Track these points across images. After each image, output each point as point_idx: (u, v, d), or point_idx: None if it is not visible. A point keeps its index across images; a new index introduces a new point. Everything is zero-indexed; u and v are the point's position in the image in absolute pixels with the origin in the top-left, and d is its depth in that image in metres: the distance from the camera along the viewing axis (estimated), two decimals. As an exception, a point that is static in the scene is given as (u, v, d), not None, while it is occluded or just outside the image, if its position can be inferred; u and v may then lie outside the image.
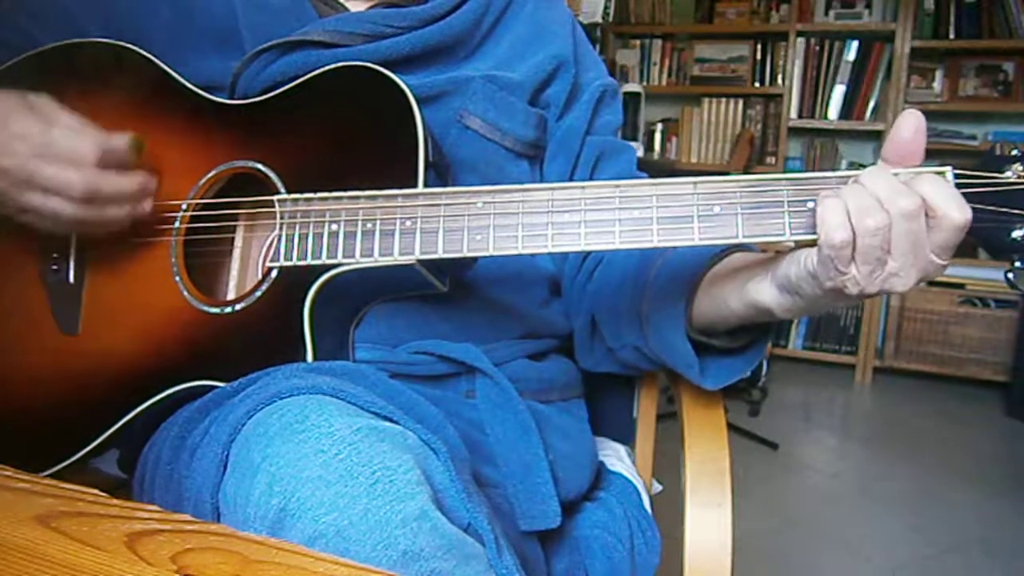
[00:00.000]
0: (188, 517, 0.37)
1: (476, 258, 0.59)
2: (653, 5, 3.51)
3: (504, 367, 0.68)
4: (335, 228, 0.58)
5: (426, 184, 0.58)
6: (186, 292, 0.63)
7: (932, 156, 0.65)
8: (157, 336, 0.63)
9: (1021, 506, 2.10)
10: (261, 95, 0.66)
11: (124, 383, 0.62)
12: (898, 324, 3.15)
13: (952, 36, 3.11)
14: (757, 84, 3.40)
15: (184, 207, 0.65)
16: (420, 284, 0.61)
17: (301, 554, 0.34)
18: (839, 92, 3.26)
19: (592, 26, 2.58)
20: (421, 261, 0.57)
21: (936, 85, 3.18)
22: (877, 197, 0.49)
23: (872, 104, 3.23)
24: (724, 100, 3.41)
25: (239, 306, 0.61)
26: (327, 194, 0.59)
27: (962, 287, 3.05)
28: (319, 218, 0.58)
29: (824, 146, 3.38)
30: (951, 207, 0.48)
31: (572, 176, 0.77)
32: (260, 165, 0.63)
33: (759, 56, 3.39)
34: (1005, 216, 0.51)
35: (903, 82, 3.12)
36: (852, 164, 3.38)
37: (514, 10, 0.77)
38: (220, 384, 0.58)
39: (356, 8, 0.72)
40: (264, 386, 0.51)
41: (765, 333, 0.68)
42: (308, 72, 0.64)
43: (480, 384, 0.66)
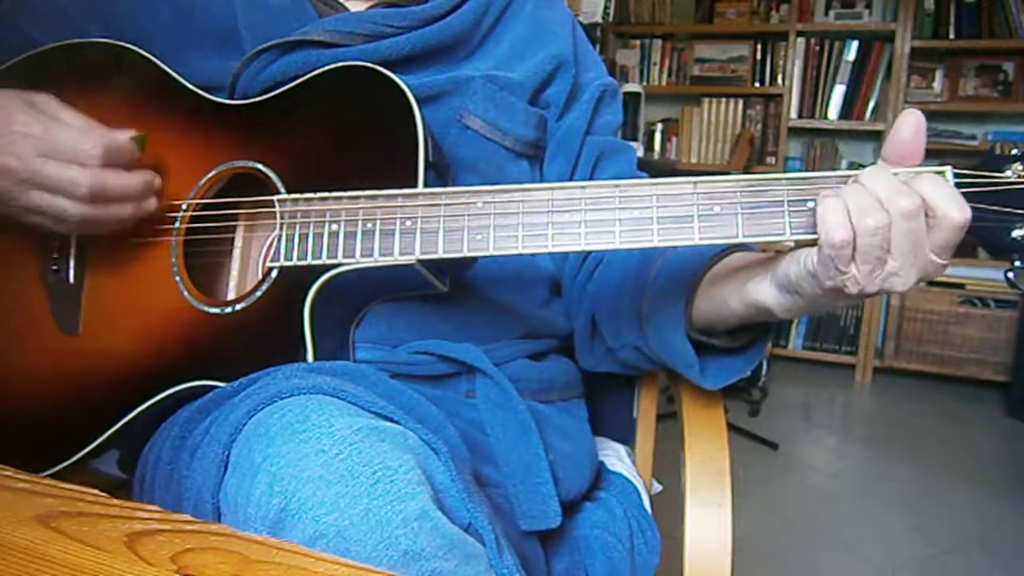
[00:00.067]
0: (188, 517, 0.37)
1: (476, 258, 0.59)
2: (653, 5, 3.51)
3: (504, 367, 0.68)
4: (335, 228, 0.58)
5: (426, 184, 0.58)
6: (186, 292, 0.63)
7: (932, 156, 0.65)
8: (157, 336, 0.63)
9: (1021, 506, 2.10)
10: (261, 95, 0.66)
11: (124, 383, 0.62)
12: (898, 324, 3.15)
13: (952, 36, 3.11)
14: (757, 84, 3.40)
15: (184, 207, 0.65)
16: (420, 284, 0.61)
17: (301, 554, 0.34)
18: (839, 92, 3.26)
19: (592, 26, 2.58)
20: (421, 261, 0.57)
21: (936, 85, 3.18)
22: (877, 197, 0.49)
23: (872, 104, 3.23)
24: (724, 100, 3.41)
25: (239, 306, 0.61)
26: (327, 194, 0.59)
27: (962, 287, 3.05)
28: (319, 218, 0.58)
29: (824, 146, 3.38)
30: (951, 207, 0.48)
31: (572, 176, 0.77)
32: (260, 165, 0.63)
33: (759, 56, 3.39)
34: (1005, 216, 0.51)
35: (903, 82, 3.12)
36: (852, 164, 3.38)
37: (514, 10, 0.77)
38: (220, 384, 0.58)
39: (356, 8, 0.72)
40: (265, 386, 0.51)
41: (765, 333, 0.68)
42: (308, 72, 0.64)
43: (480, 384, 0.66)
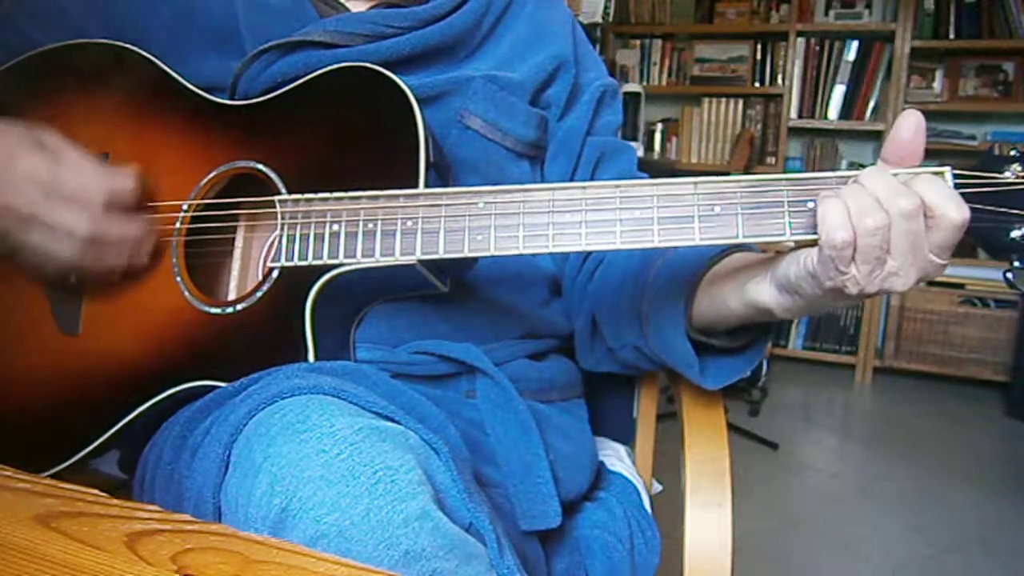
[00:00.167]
0: (188, 517, 0.37)
1: (477, 258, 0.59)
2: (653, 5, 3.51)
3: (504, 367, 0.68)
4: (336, 228, 0.58)
5: (427, 184, 0.58)
6: (187, 292, 0.63)
7: (932, 156, 0.66)
8: (158, 336, 0.63)
9: (1021, 506, 2.10)
10: (262, 96, 0.66)
11: (125, 383, 0.62)
12: (898, 324, 3.15)
13: (952, 36, 3.11)
14: (757, 84, 3.40)
15: (185, 207, 0.65)
16: (421, 284, 0.61)
17: (302, 554, 0.34)
18: (839, 92, 3.26)
19: (592, 26, 2.58)
20: (422, 261, 0.57)
21: (936, 85, 3.18)
22: (876, 197, 0.49)
23: (872, 104, 3.23)
24: (724, 100, 3.41)
25: (240, 306, 0.61)
26: (328, 194, 0.59)
27: (962, 287, 3.05)
28: (320, 218, 0.58)
29: (824, 146, 3.38)
30: (949, 207, 0.48)
31: (573, 176, 0.78)
32: (261, 165, 0.63)
33: (759, 56, 3.39)
34: (1004, 216, 0.51)
35: (903, 82, 3.12)
36: (852, 164, 3.38)
37: (514, 10, 0.77)
38: (221, 384, 0.58)
39: (356, 8, 0.72)
40: (265, 386, 0.51)
41: (765, 333, 0.68)
42: (309, 73, 0.64)
43: (480, 384, 0.66)
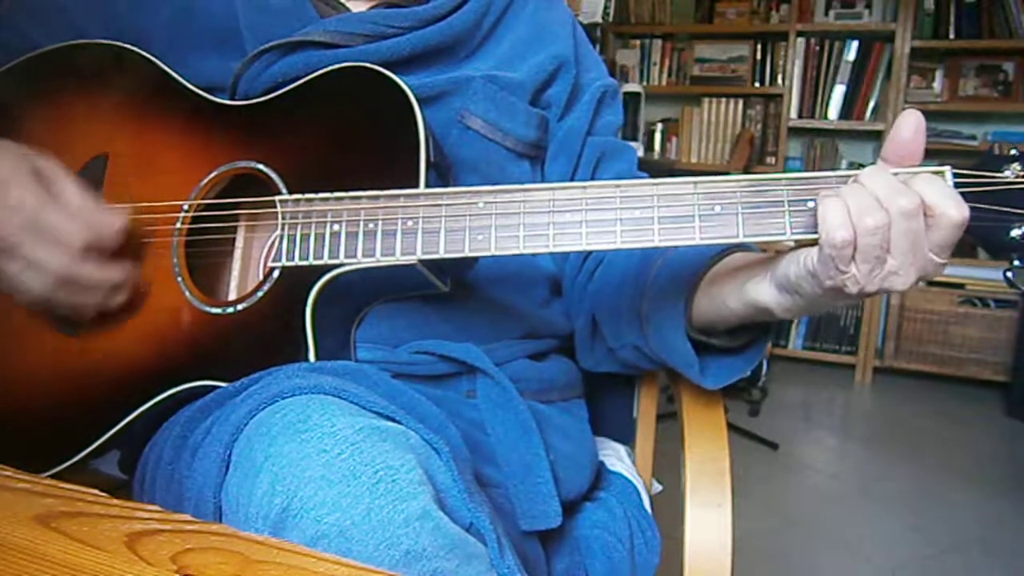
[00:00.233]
0: (188, 517, 0.37)
1: (477, 258, 0.59)
2: (653, 5, 3.51)
3: (505, 367, 0.68)
4: (337, 228, 0.58)
5: (427, 184, 0.58)
6: (188, 292, 0.63)
7: (932, 156, 0.66)
8: (158, 336, 0.63)
9: (1021, 506, 2.10)
10: (262, 96, 0.66)
11: (125, 384, 0.62)
12: (898, 324, 3.15)
13: (952, 36, 3.11)
14: (757, 84, 3.40)
15: (186, 207, 0.65)
16: (421, 284, 0.61)
17: (302, 554, 0.34)
18: (839, 92, 3.26)
19: (592, 26, 2.58)
20: (423, 261, 0.57)
21: (936, 85, 3.18)
22: (876, 196, 0.49)
23: (872, 104, 3.23)
24: (724, 100, 3.41)
25: (241, 306, 0.61)
26: (328, 194, 0.59)
27: (962, 287, 3.05)
28: (320, 218, 0.58)
29: (824, 146, 3.38)
30: (949, 206, 0.48)
31: (573, 176, 0.78)
32: (261, 166, 0.63)
33: (759, 56, 3.39)
34: (1004, 215, 0.51)
35: (903, 82, 3.12)
36: (852, 164, 3.38)
37: (515, 10, 0.77)
38: (222, 384, 0.58)
39: (357, 8, 0.72)
40: (266, 386, 0.51)
41: (765, 333, 0.68)
42: (309, 73, 0.64)
43: (481, 384, 0.66)
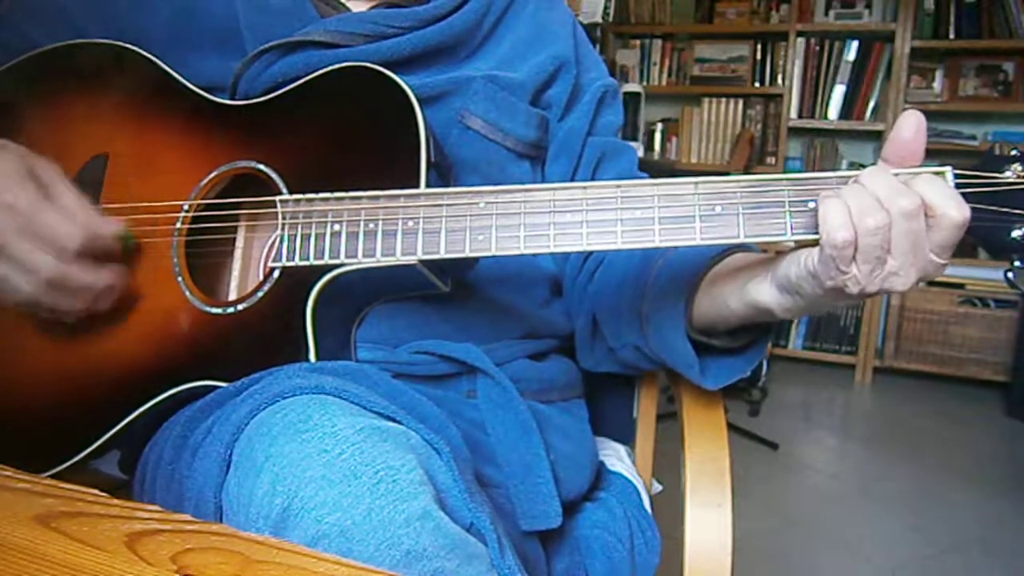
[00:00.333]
0: (188, 517, 0.37)
1: (478, 258, 0.59)
2: (653, 5, 3.51)
3: (505, 367, 0.68)
4: (337, 228, 0.58)
5: (428, 184, 0.58)
6: (188, 292, 0.63)
7: (932, 156, 0.66)
8: (159, 336, 0.62)
9: (1021, 506, 2.10)
10: (263, 95, 0.66)
11: (126, 384, 0.62)
12: (898, 324, 3.15)
13: (952, 36, 3.11)
14: (757, 84, 3.40)
15: (186, 207, 0.65)
16: (422, 284, 0.61)
17: (302, 554, 0.34)
18: (839, 92, 3.26)
19: (592, 26, 2.58)
20: (423, 261, 0.57)
21: (936, 85, 3.18)
22: (877, 197, 0.49)
23: (872, 104, 3.23)
24: (724, 100, 3.41)
25: (241, 306, 0.61)
26: (329, 194, 0.59)
27: (962, 287, 3.05)
28: (321, 218, 0.58)
29: (824, 146, 3.38)
30: (949, 206, 0.49)
31: (574, 177, 0.78)
32: (262, 166, 0.63)
33: (759, 56, 3.39)
34: (1004, 216, 0.51)
35: (903, 82, 3.12)
36: (852, 164, 3.38)
37: (515, 10, 0.77)
38: (222, 384, 0.58)
39: (357, 8, 0.72)
40: (267, 386, 0.51)
41: (765, 333, 0.68)
42: (310, 72, 0.64)
43: (481, 384, 0.66)
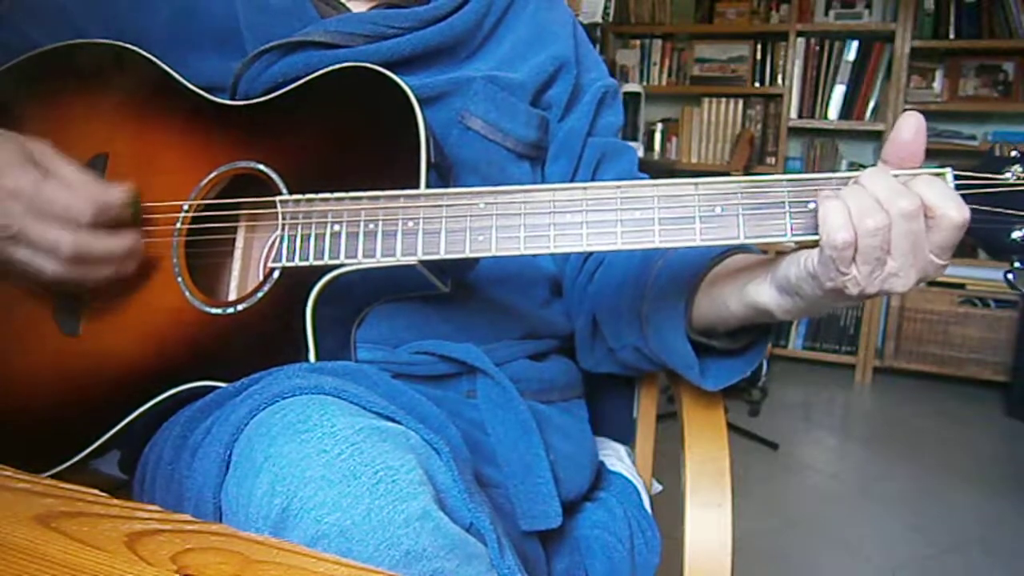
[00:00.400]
0: (188, 517, 0.37)
1: (478, 259, 0.59)
2: (653, 5, 3.51)
3: (505, 367, 0.68)
4: (337, 229, 0.58)
5: (428, 185, 0.58)
6: (188, 293, 0.63)
7: (932, 156, 0.66)
8: (159, 337, 0.63)
9: (1021, 506, 2.10)
10: (263, 96, 0.66)
11: (125, 384, 0.62)
12: (898, 324, 3.15)
13: (952, 36, 3.11)
14: (757, 84, 3.40)
15: (186, 207, 0.65)
16: (422, 285, 0.61)
17: (302, 554, 0.34)
18: (839, 92, 3.26)
19: (592, 26, 2.58)
20: (423, 262, 0.57)
21: (936, 85, 3.18)
22: (877, 198, 0.49)
23: (872, 104, 3.23)
24: (724, 100, 3.41)
25: (241, 307, 0.61)
26: (329, 195, 0.59)
27: (962, 287, 3.05)
28: (321, 219, 0.58)
29: (824, 146, 3.38)
30: (949, 207, 0.49)
31: (574, 177, 0.78)
32: (262, 166, 0.63)
33: (759, 56, 3.39)
34: (1004, 217, 0.51)
35: (903, 82, 3.12)
36: (852, 164, 3.38)
37: (515, 11, 0.77)
38: (222, 384, 0.58)
39: (357, 9, 0.72)
40: (266, 386, 0.51)
41: (765, 334, 0.68)
42: (310, 73, 0.64)
43: (481, 384, 0.66)
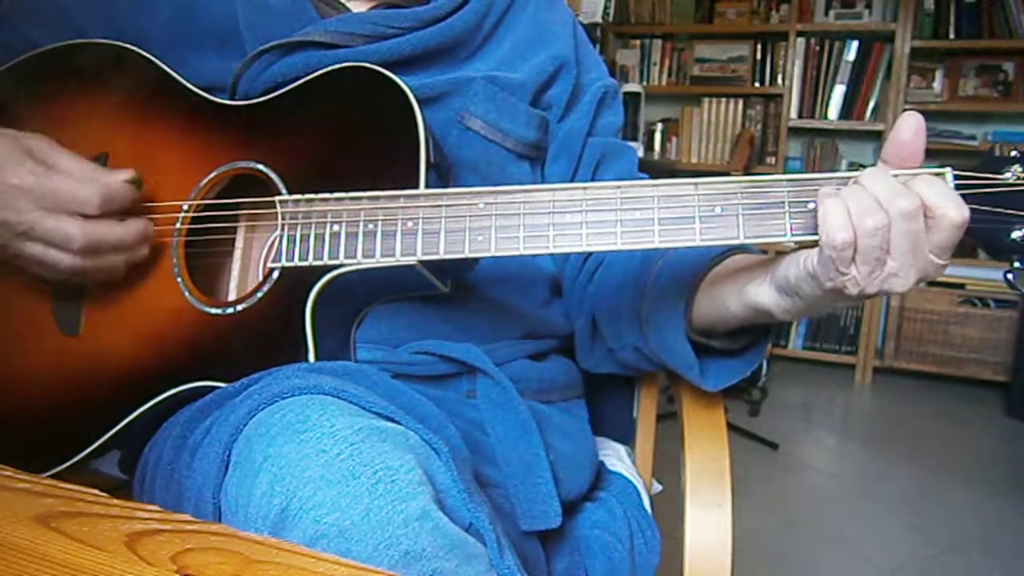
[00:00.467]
0: (188, 517, 0.37)
1: (478, 259, 0.59)
2: (653, 5, 3.51)
3: (505, 367, 0.68)
4: (336, 229, 0.58)
5: (427, 185, 0.58)
6: (187, 293, 0.63)
7: (932, 156, 0.66)
8: (158, 337, 0.63)
9: (1021, 506, 2.10)
10: (262, 96, 0.66)
11: (125, 384, 0.62)
12: (898, 324, 3.15)
13: (952, 36, 3.11)
14: (757, 84, 3.40)
15: (185, 208, 0.65)
16: (421, 285, 0.61)
17: (302, 554, 0.34)
18: (839, 92, 3.26)
19: (592, 26, 2.58)
20: (423, 262, 0.57)
21: (936, 85, 3.18)
22: (876, 198, 0.49)
23: (872, 104, 3.23)
24: (724, 100, 3.41)
25: (241, 307, 0.61)
26: (328, 195, 0.59)
27: (962, 287, 3.05)
28: (320, 219, 0.58)
29: (824, 146, 3.38)
30: (949, 207, 0.48)
31: (574, 177, 0.77)
32: (261, 166, 0.63)
33: (759, 56, 3.39)
34: (1004, 217, 0.51)
35: (903, 82, 3.12)
36: (852, 164, 3.38)
37: (515, 11, 0.77)
38: (222, 385, 0.58)
39: (357, 9, 0.72)
40: (266, 386, 0.51)
41: (765, 334, 0.68)
42: (309, 73, 0.64)
43: (481, 384, 0.66)
